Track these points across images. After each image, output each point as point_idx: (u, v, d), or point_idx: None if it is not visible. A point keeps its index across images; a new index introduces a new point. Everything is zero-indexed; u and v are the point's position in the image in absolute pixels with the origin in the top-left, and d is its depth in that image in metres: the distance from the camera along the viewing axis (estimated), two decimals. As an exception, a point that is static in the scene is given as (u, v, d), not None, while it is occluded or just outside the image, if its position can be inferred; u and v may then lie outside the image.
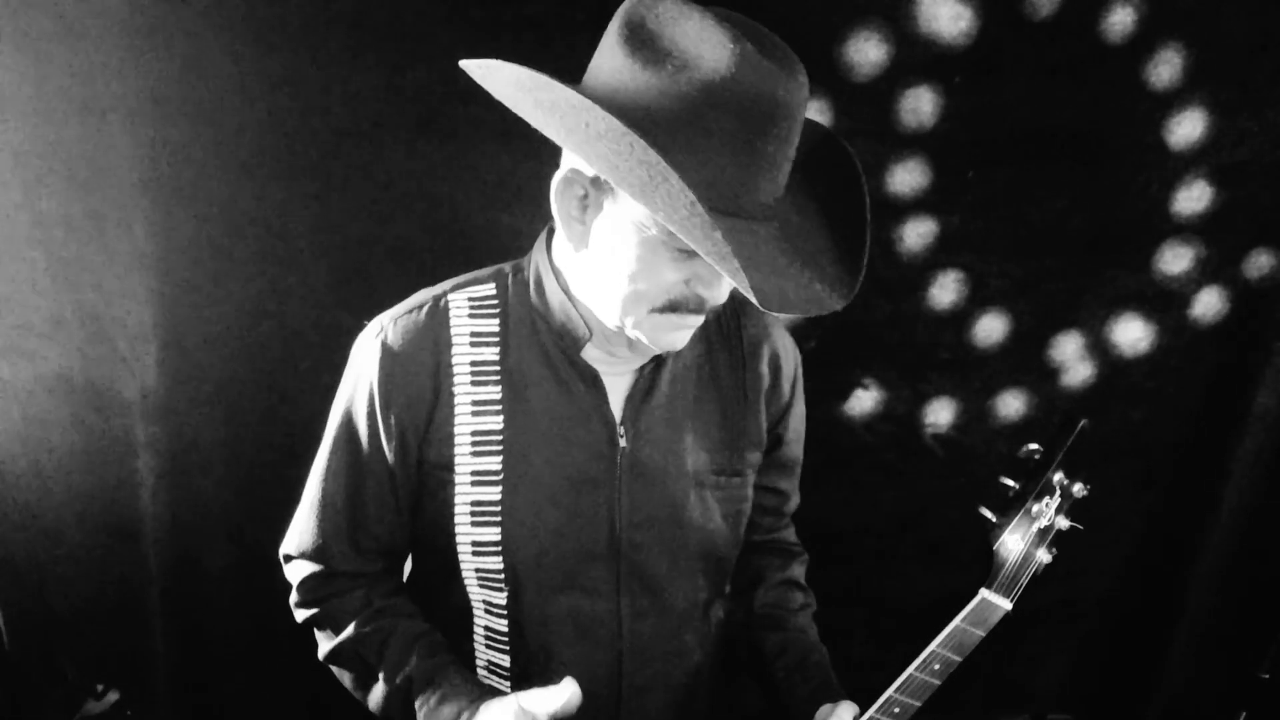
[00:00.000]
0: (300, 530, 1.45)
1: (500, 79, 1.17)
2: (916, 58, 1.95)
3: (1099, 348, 2.22)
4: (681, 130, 1.10)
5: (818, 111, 1.96)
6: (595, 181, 1.22)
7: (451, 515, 1.38)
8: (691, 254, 1.19)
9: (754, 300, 1.07)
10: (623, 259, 1.22)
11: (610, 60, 1.16)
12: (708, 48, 1.09)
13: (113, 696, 1.84)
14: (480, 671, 1.46)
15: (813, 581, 1.71)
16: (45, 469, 1.94)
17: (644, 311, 1.25)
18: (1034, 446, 1.31)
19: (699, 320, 1.29)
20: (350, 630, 1.41)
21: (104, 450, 1.96)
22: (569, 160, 1.25)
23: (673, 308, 1.25)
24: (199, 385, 1.98)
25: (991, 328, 2.19)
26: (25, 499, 1.95)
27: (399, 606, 1.46)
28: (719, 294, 1.25)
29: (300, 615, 1.48)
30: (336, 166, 1.90)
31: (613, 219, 1.22)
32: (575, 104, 1.11)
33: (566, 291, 1.35)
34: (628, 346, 1.37)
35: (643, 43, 1.13)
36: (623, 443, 1.39)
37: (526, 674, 1.43)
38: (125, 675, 1.93)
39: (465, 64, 1.20)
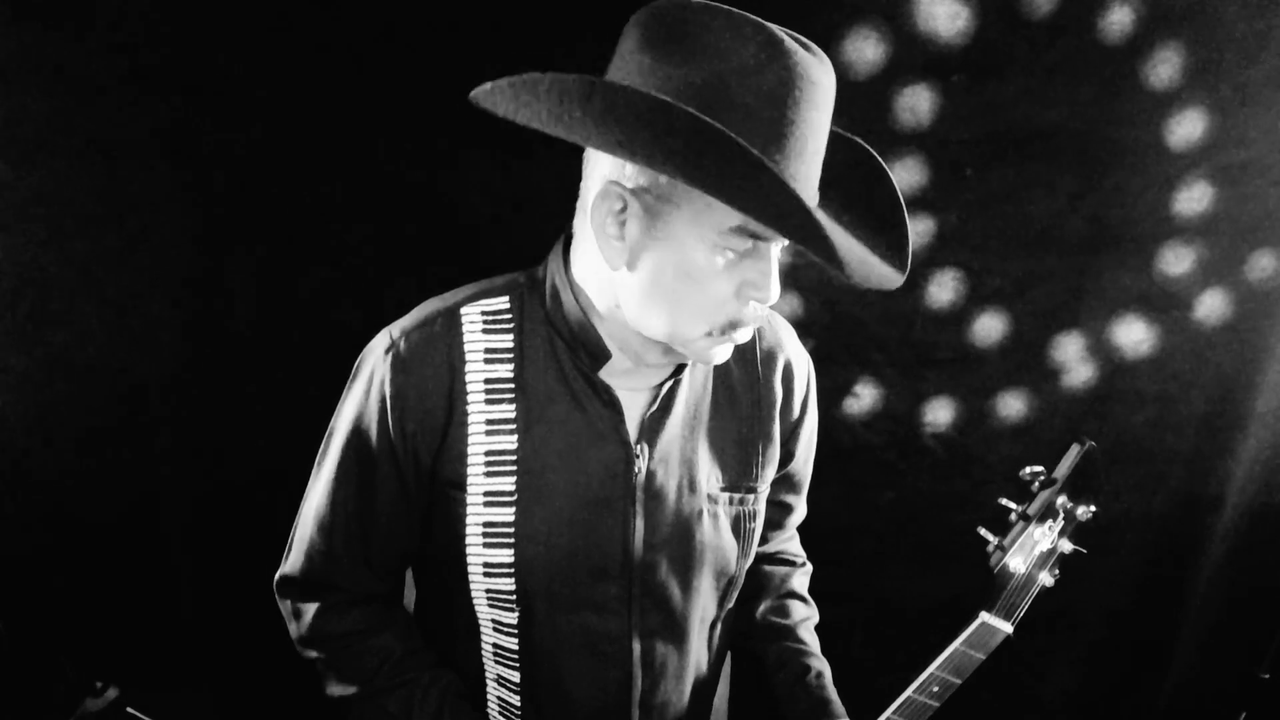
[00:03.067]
0: (305, 549, 1.40)
1: (541, 94, 1.04)
2: (914, 57, 1.93)
3: (1100, 349, 2.20)
4: (719, 118, 1.03)
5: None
6: (635, 193, 1.16)
7: (463, 536, 1.34)
8: (739, 257, 1.16)
9: (845, 273, 1.05)
10: (672, 277, 1.17)
11: (634, 63, 1.11)
12: (737, 40, 1.07)
13: (112, 693, 1.82)
14: (489, 684, 1.45)
15: (811, 579, 1.70)
16: (53, 462, 1.92)
17: (700, 332, 1.21)
18: (1037, 469, 1.29)
19: (746, 334, 1.26)
20: (375, 682, 1.39)
21: (112, 445, 1.95)
22: (600, 171, 1.18)
23: (733, 326, 1.21)
24: (209, 382, 1.97)
25: (991, 327, 2.18)
26: (29, 493, 1.93)
27: (421, 654, 1.44)
28: (769, 294, 1.19)
29: (309, 654, 1.44)
30: (339, 166, 1.88)
31: (655, 230, 1.16)
32: (649, 104, 1.02)
33: (586, 309, 1.30)
34: (661, 353, 1.31)
35: (669, 41, 1.09)
36: (638, 463, 1.35)
37: (536, 689, 1.42)
38: (125, 672, 1.92)
39: (495, 88, 1.05)
